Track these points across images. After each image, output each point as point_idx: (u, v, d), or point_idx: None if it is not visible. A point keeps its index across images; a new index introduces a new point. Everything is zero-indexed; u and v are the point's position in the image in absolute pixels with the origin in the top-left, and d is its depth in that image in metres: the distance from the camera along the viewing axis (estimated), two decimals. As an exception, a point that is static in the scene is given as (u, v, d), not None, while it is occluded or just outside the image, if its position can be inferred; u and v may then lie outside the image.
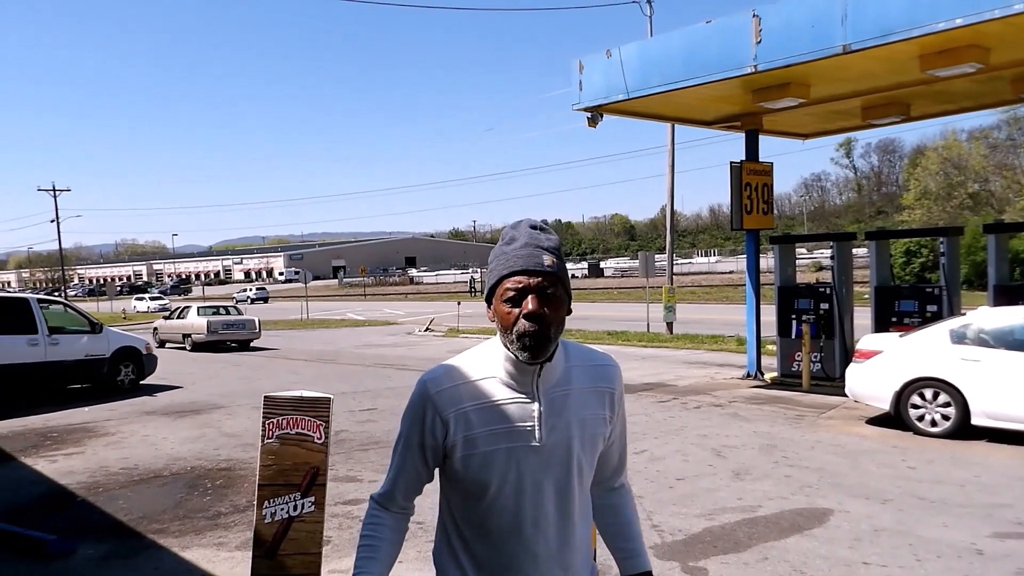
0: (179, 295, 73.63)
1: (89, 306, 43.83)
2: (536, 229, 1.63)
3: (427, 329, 25.81)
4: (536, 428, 1.60)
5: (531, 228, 1.63)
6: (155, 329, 23.68)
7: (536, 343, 1.54)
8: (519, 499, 1.62)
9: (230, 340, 21.56)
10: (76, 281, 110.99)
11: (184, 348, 21.83)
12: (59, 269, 68.16)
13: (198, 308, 22.70)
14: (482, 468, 1.61)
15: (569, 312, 1.63)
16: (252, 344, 22.15)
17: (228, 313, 22.61)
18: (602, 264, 77.66)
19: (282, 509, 2.43)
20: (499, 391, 1.62)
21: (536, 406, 1.61)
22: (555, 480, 1.63)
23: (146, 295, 56.37)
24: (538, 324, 1.54)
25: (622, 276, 66.74)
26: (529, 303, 1.54)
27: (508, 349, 1.60)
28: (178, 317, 22.80)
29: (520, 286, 1.56)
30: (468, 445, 1.61)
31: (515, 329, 1.55)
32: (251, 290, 67.40)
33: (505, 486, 1.61)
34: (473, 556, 1.71)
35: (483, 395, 1.62)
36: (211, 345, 21.38)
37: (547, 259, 1.57)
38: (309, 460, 2.72)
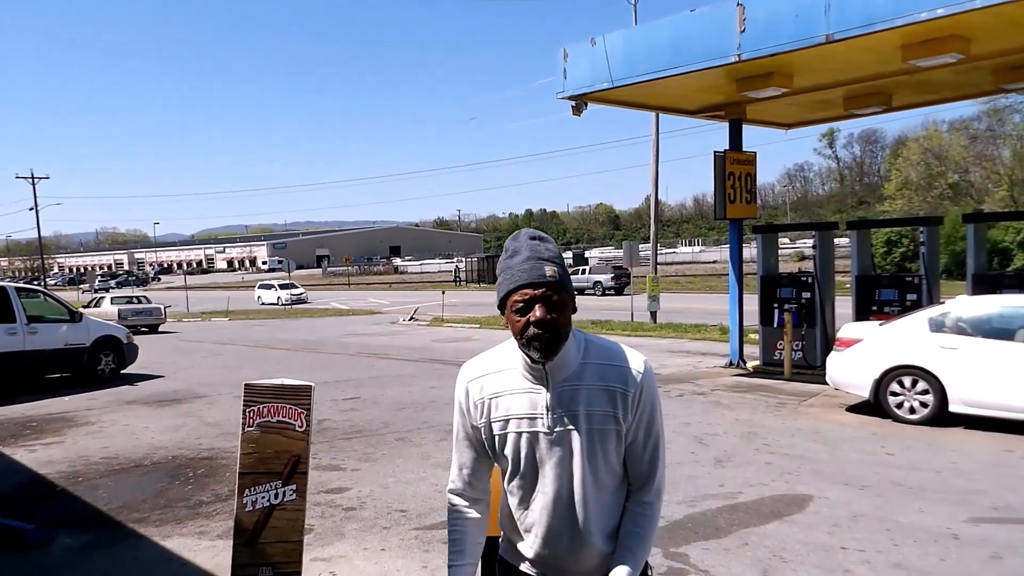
0: (138, 286, 69.62)
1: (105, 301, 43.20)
2: (535, 240, 1.81)
3: (411, 318, 25.75)
4: (545, 416, 1.81)
5: (531, 240, 1.81)
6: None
7: (546, 345, 1.74)
8: (535, 474, 1.85)
9: (140, 325, 24.45)
10: (56, 270, 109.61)
11: None
12: (38, 258, 67.27)
13: (111, 298, 27.03)
14: (505, 447, 1.85)
15: (574, 310, 1.81)
16: (160, 328, 25.77)
17: (139, 302, 26.57)
18: (587, 254, 77.76)
19: (263, 497, 2.42)
20: (518, 382, 1.84)
21: (545, 397, 1.81)
22: (565, 467, 1.82)
23: (274, 283, 41.84)
24: (545, 330, 1.73)
25: (607, 265, 66.82)
26: (536, 311, 1.73)
27: (522, 351, 1.80)
28: (95, 306, 25.94)
29: (526, 298, 1.74)
30: (495, 427, 1.86)
31: (525, 335, 1.75)
32: (278, 288, 40.70)
33: (523, 466, 1.85)
34: (515, 519, 1.93)
35: (505, 385, 1.85)
36: None
37: (548, 270, 1.75)
38: (290, 448, 2.70)
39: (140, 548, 5.14)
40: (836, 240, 12.95)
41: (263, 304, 39.95)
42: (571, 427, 1.80)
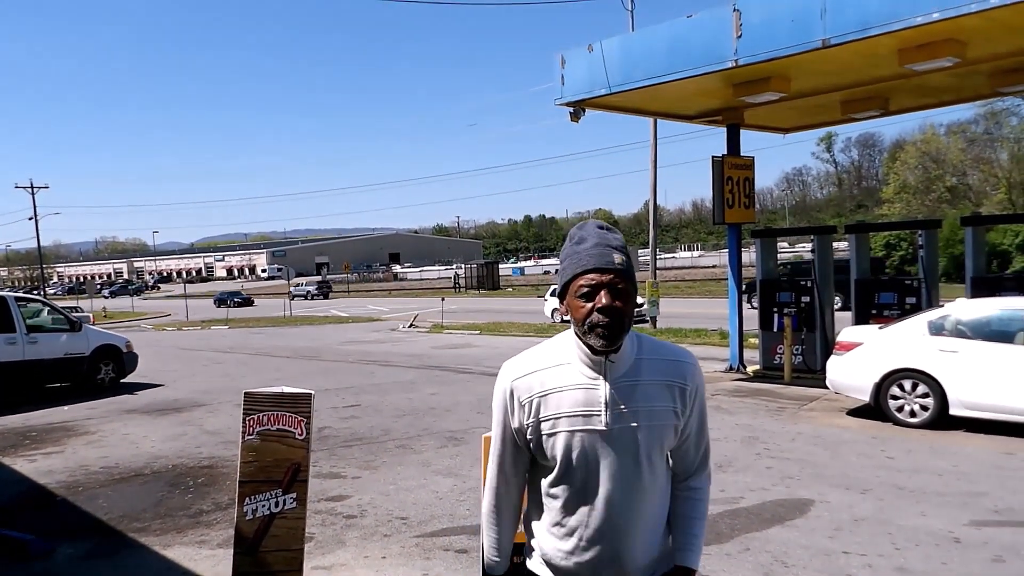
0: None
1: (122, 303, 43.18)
2: (603, 229, 1.80)
3: (411, 325, 25.74)
4: (603, 413, 1.75)
5: (599, 228, 1.80)
6: None
7: (610, 332, 1.70)
8: (588, 478, 1.77)
9: None
10: (55, 279, 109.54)
11: None
12: (38, 268, 67.24)
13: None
14: (555, 447, 1.77)
15: (637, 305, 1.75)
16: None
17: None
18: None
19: (263, 506, 2.42)
20: (572, 378, 1.78)
21: (604, 392, 1.76)
22: (622, 465, 1.77)
23: (305, 286, 49.39)
24: (611, 317, 1.69)
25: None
26: (602, 298, 1.70)
27: (581, 340, 1.76)
28: None
29: (593, 283, 1.72)
30: (543, 427, 1.78)
31: (588, 321, 1.71)
32: (305, 285, 54.60)
33: (575, 465, 1.77)
34: (557, 524, 1.85)
35: (557, 382, 1.78)
36: None
37: (617, 257, 1.73)
38: (290, 456, 2.70)
39: (141, 557, 5.13)
40: (835, 244, 12.96)
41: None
42: (632, 423, 1.76)
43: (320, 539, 5.29)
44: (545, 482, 1.86)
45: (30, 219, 55.26)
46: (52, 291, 76.80)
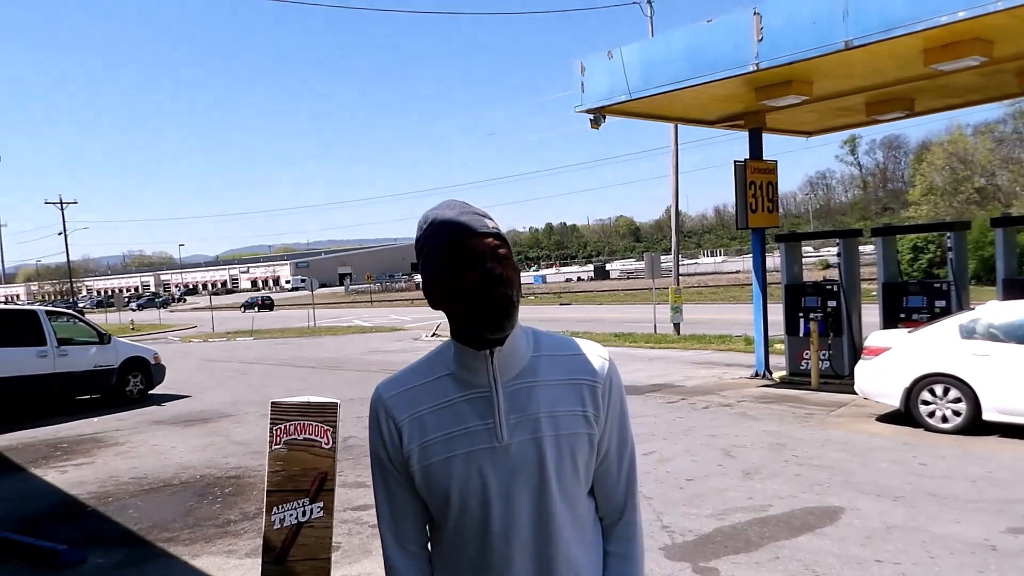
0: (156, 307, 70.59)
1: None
2: (456, 202, 1.47)
3: (434, 334, 25.81)
4: (496, 425, 1.39)
5: (451, 200, 1.47)
6: None
7: (495, 309, 1.36)
8: (486, 511, 1.39)
9: None
10: (84, 293, 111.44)
11: None
12: (67, 281, 68.45)
13: None
14: (442, 478, 1.40)
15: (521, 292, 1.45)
16: None
17: None
18: (608, 266, 77.60)
19: (291, 515, 2.43)
20: (453, 388, 1.42)
21: (494, 399, 1.39)
22: (528, 488, 1.39)
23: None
24: (496, 286, 1.35)
25: (628, 278, 66.63)
26: (483, 267, 1.38)
27: (460, 336, 1.43)
28: None
29: (468, 251, 1.39)
30: (424, 453, 1.41)
31: (466, 301, 1.39)
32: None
33: (469, 497, 1.39)
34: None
35: (437, 395, 1.43)
36: None
37: (490, 223, 1.42)
38: (317, 465, 2.71)
39: (170, 567, 5.18)
40: (861, 247, 12.79)
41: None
42: (532, 435, 1.39)
43: (347, 548, 5.31)
44: (436, 523, 1.48)
45: (59, 234, 56.29)
46: (81, 304, 78.15)
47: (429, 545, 1.53)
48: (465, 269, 1.36)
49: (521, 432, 1.39)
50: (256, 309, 58.42)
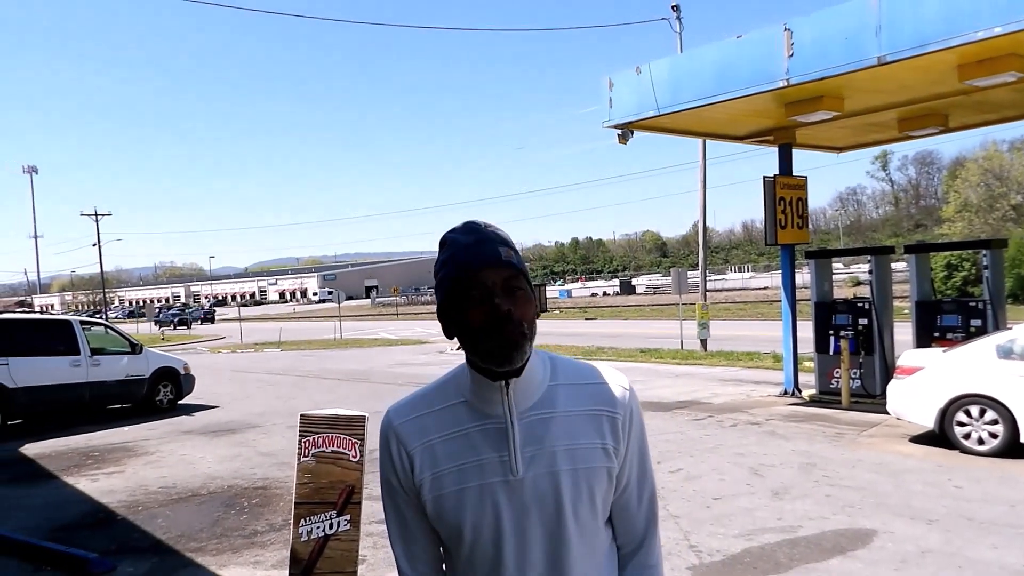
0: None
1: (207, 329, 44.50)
2: (476, 223, 1.42)
3: (459, 348, 25.84)
4: (511, 458, 1.35)
5: (469, 223, 1.42)
6: None
7: (507, 343, 1.33)
8: (499, 547, 1.36)
9: None
10: (116, 303, 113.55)
11: None
12: (100, 292, 69.81)
13: None
14: (454, 511, 1.37)
15: (538, 314, 1.42)
16: None
17: None
18: (634, 281, 77.25)
19: (318, 527, 2.43)
20: (467, 417, 1.39)
21: (510, 431, 1.36)
22: (543, 524, 1.36)
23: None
24: (507, 322, 1.32)
25: (654, 293, 66.20)
26: (494, 301, 1.34)
27: (475, 365, 1.39)
28: None
29: (481, 284, 1.35)
30: (436, 484, 1.38)
31: (479, 333, 1.36)
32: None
33: (482, 531, 1.36)
34: None
35: (449, 424, 1.40)
36: None
37: (503, 251, 1.36)
38: (344, 478, 2.72)
39: (197, 577, 5.21)
40: (893, 265, 12.59)
41: None
42: (549, 469, 1.35)
43: (372, 561, 5.31)
44: (449, 558, 1.47)
45: (94, 245, 57.38)
46: (114, 314, 79.55)
47: (444, 566, 1.51)
48: (472, 305, 1.33)
49: (537, 466, 1.36)
50: (172, 327, 53.68)
